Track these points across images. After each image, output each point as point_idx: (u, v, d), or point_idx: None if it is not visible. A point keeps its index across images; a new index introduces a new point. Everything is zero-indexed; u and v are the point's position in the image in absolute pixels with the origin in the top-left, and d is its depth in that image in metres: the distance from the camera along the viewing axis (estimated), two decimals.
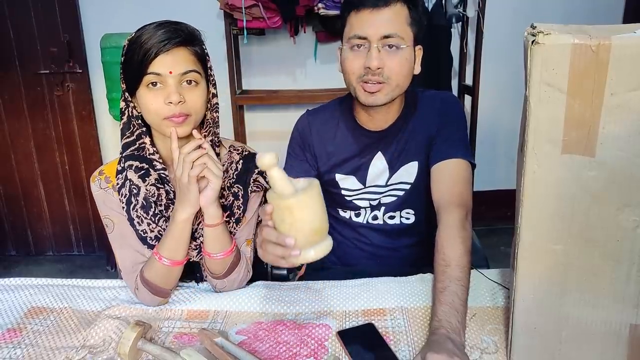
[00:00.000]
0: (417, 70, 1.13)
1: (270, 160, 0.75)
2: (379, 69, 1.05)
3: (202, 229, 1.03)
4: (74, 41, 2.69)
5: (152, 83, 0.94)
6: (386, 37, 1.04)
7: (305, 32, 2.65)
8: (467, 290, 0.91)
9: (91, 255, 3.01)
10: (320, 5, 2.32)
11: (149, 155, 1.03)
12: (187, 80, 0.96)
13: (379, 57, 1.05)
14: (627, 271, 0.70)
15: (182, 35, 0.94)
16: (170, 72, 0.93)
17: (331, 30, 2.53)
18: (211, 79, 1.02)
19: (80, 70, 2.73)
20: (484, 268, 1.12)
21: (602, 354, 0.75)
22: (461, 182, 1.10)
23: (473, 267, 1.10)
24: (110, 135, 2.89)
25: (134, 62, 0.94)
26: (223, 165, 1.10)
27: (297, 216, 0.75)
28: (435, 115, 1.18)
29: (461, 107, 1.23)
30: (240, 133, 2.60)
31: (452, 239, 0.98)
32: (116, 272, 1.35)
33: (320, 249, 0.77)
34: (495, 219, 2.82)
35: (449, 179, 1.11)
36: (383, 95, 1.08)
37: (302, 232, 0.75)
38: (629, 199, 0.67)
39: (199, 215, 1.06)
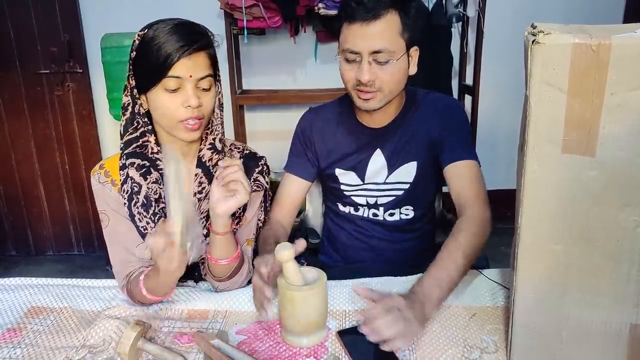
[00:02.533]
0: (413, 71, 1.15)
1: (289, 255, 0.87)
2: (370, 81, 1.07)
3: (204, 227, 1.03)
4: (74, 41, 2.69)
5: (171, 87, 0.94)
6: (376, 52, 1.05)
7: (305, 32, 2.65)
8: (459, 279, 0.95)
9: (91, 255, 3.01)
10: (320, 5, 2.32)
11: (151, 154, 1.03)
12: (203, 85, 0.97)
13: (370, 71, 1.07)
14: (627, 271, 0.70)
15: (202, 40, 0.95)
16: (190, 76, 0.94)
17: (331, 30, 2.53)
18: (219, 77, 1.03)
19: (81, 70, 2.73)
20: (484, 268, 1.13)
21: (602, 354, 0.75)
22: (480, 181, 1.15)
23: (473, 267, 1.11)
24: (110, 135, 2.89)
25: (151, 63, 0.93)
26: None
27: (297, 308, 0.86)
28: (438, 118, 1.20)
29: (464, 111, 1.26)
30: (240, 133, 2.60)
31: (472, 233, 1.01)
32: None
33: (313, 339, 0.89)
34: (495, 219, 2.80)
35: (469, 178, 1.14)
36: (376, 102, 1.12)
37: (299, 322, 0.87)
38: (629, 199, 0.67)
39: (198, 212, 1.06)
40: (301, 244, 0.91)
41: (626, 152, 0.65)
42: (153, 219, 1.03)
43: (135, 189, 1.02)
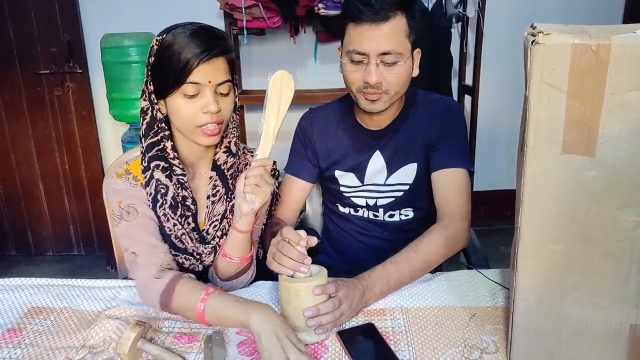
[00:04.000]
0: (416, 73, 1.15)
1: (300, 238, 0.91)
2: (378, 83, 1.07)
3: (216, 230, 1.05)
4: (74, 41, 2.69)
5: (190, 92, 0.94)
6: (384, 53, 1.05)
7: (305, 32, 2.65)
8: (412, 280, 1.03)
9: (91, 255, 3.01)
10: (320, 5, 2.32)
11: (170, 159, 1.03)
12: (221, 90, 0.97)
13: (378, 73, 1.06)
14: (627, 271, 0.70)
15: (221, 45, 0.95)
16: (209, 82, 0.94)
17: (331, 31, 2.53)
18: (236, 81, 1.03)
19: (80, 70, 2.73)
20: (484, 268, 1.13)
21: (602, 354, 0.75)
22: (464, 193, 1.14)
23: (473, 267, 1.11)
24: (110, 135, 2.89)
25: (170, 69, 0.93)
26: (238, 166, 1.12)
27: (303, 301, 0.87)
28: (437, 120, 1.19)
29: (463, 115, 1.26)
30: (240, 133, 2.60)
31: (437, 241, 1.05)
32: (116, 272, 1.35)
33: (316, 335, 0.89)
34: (495, 219, 2.82)
35: (453, 189, 1.14)
36: (382, 103, 1.12)
37: (304, 316, 0.87)
38: (629, 199, 0.67)
39: (211, 215, 1.07)
40: (313, 240, 0.93)
41: (626, 152, 0.65)
42: (180, 220, 1.03)
43: (163, 190, 1.01)
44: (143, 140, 1.02)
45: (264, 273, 1.29)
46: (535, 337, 0.77)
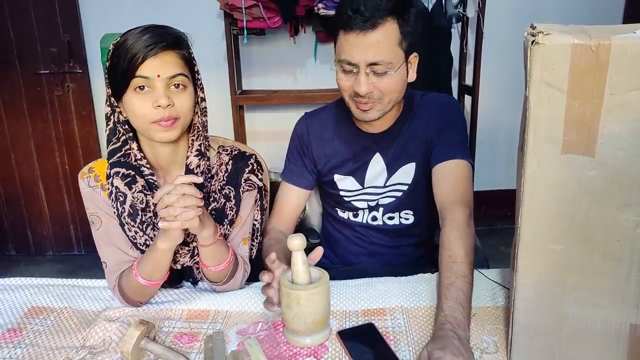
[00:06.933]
0: (412, 77, 1.12)
1: (300, 245, 0.89)
2: (368, 93, 1.05)
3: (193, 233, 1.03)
4: (74, 41, 2.69)
5: (139, 87, 0.93)
6: (374, 63, 1.02)
7: (305, 32, 2.65)
8: (472, 286, 0.93)
9: (91, 255, 3.01)
10: (320, 5, 2.32)
11: (135, 161, 1.02)
12: (175, 84, 0.95)
13: (367, 83, 1.04)
14: (627, 271, 0.70)
15: (169, 39, 0.94)
16: (158, 76, 0.93)
17: (331, 31, 2.53)
18: (199, 82, 1.02)
19: (80, 70, 2.73)
20: (484, 268, 1.13)
21: (602, 354, 0.75)
22: (464, 182, 1.12)
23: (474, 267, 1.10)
24: None
25: (120, 67, 0.93)
26: (212, 167, 1.09)
27: (303, 307, 0.87)
28: (434, 118, 1.18)
29: (460, 109, 1.23)
30: (240, 133, 2.60)
31: (459, 237, 0.99)
32: None
33: (317, 338, 0.90)
34: (495, 219, 2.82)
35: (452, 179, 1.12)
36: (375, 112, 1.09)
37: (305, 322, 0.87)
38: (629, 199, 0.67)
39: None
40: (319, 252, 0.94)
41: (626, 152, 0.65)
42: (141, 227, 1.02)
43: (121, 199, 1.00)
44: (107, 147, 1.02)
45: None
46: (535, 337, 0.77)
